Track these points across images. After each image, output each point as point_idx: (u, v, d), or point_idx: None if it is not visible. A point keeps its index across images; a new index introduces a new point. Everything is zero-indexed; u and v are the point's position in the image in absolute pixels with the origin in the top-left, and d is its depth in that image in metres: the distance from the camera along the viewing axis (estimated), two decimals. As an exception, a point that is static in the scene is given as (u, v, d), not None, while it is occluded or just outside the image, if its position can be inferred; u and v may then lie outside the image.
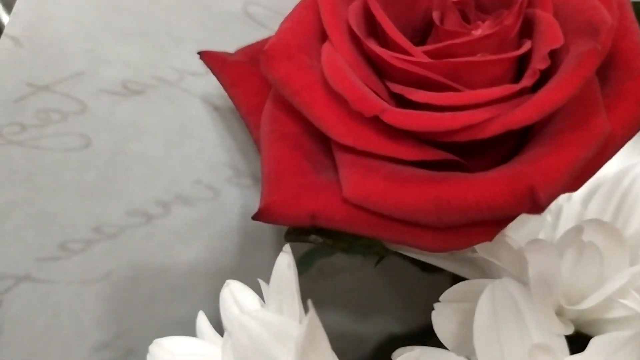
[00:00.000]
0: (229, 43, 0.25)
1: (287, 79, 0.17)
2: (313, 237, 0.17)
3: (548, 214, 0.21)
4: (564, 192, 0.15)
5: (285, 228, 0.19)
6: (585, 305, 0.18)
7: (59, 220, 0.26)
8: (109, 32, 0.23)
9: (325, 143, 0.18)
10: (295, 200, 0.16)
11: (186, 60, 0.25)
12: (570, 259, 0.18)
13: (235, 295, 0.19)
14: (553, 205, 0.21)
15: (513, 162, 0.16)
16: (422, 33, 0.19)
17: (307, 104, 0.17)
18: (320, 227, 0.17)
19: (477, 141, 0.16)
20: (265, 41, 0.21)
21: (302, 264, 0.28)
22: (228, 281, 0.20)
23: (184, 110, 0.26)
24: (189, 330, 0.31)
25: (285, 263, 0.18)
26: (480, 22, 0.17)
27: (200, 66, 0.25)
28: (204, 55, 0.21)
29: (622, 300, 0.17)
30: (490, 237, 0.16)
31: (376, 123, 0.16)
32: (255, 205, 0.30)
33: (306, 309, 0.17)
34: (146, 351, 0.31)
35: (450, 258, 0.19)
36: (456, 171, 0.16)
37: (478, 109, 0.15)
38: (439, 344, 0.27)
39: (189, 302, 0.30)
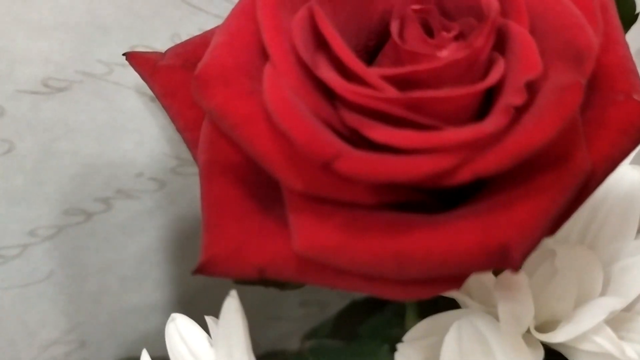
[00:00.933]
0: (163, 31, 0.22)
1: (225, 110, 0.15)
2: (262, 282, 0.16)
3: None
4: (540, 240, 0.14)
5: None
6: (557, 338, 0.17)
7: (-13, 230, 0.24)
8: (22, 26, 0.20)
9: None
10: (240, 252, 0.14)
11: (114, 52, 0.22)
12: (541, 281, 0.17)
13: (182, 332, 0.18)
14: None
15: (482, 206, 0.14)
16: (378, 36, 0.16)
17: (249, 140, 0.14)
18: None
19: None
20: (201, 37, 0.18)
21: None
22: (173, 315, 0.18)
23: (117, 104, 0.23)
24: (142, 317, 0.30)
25: (233, 308, 0.16)
26: (445, 34, 0.15)
27: (132, 55, 0.22)
28: (131, 58, 0.18)
29: (595, 337, 0.16)
30: (457, 286, 0.14)
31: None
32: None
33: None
34: (100, 341, 0.30)
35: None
36: (417, 207, 0.14)
37: (444, 154, 0.13)
38: (397, 309, 0.26)
39: (141, 290, 0.29)
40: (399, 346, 0.16)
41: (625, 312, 0.17)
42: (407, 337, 0.16)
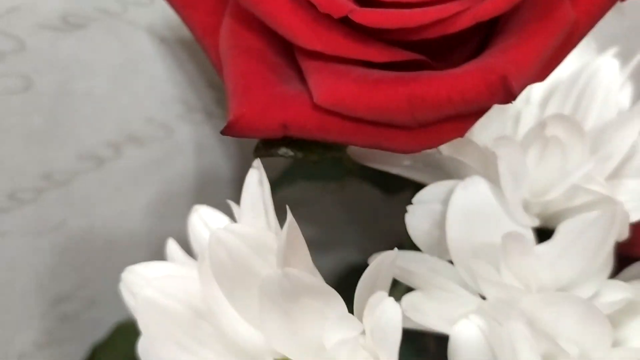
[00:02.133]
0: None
1: (248, -11, 0.16)
2: (283, 150, 0.17)
3: (508, 120, 0.21)
4: (533, 81, 0.15)
5: (253, 144, 0.18)
6: (551, 195, 0.18)
7: (5, 169, 0.25)
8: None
9: (289, 56, 0.17)
10: (266, 111, 0.16)
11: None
12: (535, 154, 0.19)
13: (205, 220, 0.19)
14: (512, 110, 0.21)
15: (483, 56, 0.16)
16: None
17: (271, 13, 0.16)
18: (291, 139, 0.17)
19: (445, 38, 0.15)
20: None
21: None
22: (196, 206, 0.19)
23: (130, 44, 0.25)
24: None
25: (255, 179, 0.17)
26: None
27: (144, -7, 0.24)
28: (150, -23, 0.20)
29: (587, 186, 0.18)
30: (461, 132, 0.16)
31: (343, 26, 0.16)
32: (209, 143, 0.29)
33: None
34: (110, 300, 0.30)
35: (415, 166, 0.20)
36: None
37: (447, 3, 0.15)
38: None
39: (149, 246, 0.30)
40: (409, 207, 0.18)
41: (613, 178, 0.19)
42: (416, 198, 0.18)
